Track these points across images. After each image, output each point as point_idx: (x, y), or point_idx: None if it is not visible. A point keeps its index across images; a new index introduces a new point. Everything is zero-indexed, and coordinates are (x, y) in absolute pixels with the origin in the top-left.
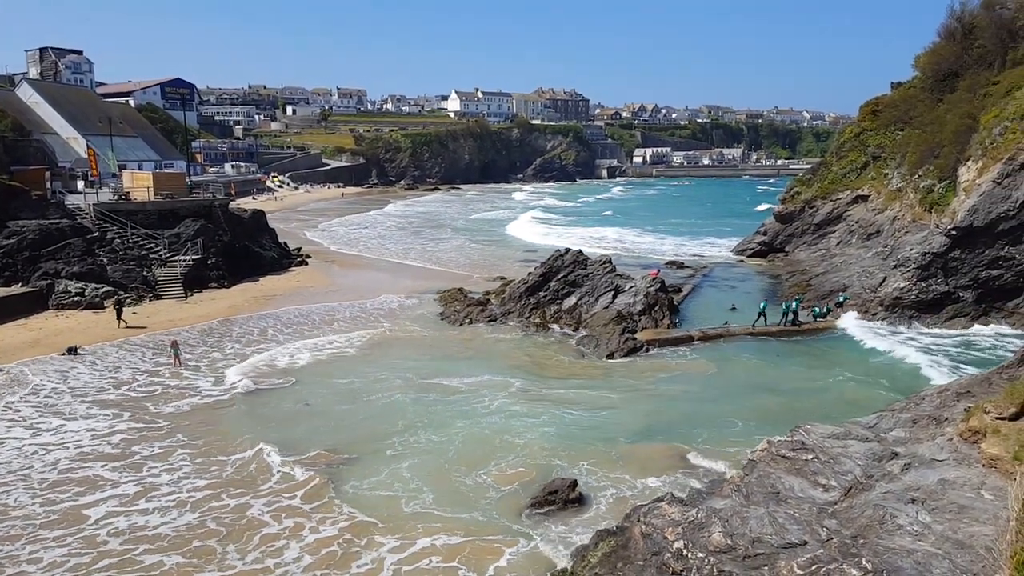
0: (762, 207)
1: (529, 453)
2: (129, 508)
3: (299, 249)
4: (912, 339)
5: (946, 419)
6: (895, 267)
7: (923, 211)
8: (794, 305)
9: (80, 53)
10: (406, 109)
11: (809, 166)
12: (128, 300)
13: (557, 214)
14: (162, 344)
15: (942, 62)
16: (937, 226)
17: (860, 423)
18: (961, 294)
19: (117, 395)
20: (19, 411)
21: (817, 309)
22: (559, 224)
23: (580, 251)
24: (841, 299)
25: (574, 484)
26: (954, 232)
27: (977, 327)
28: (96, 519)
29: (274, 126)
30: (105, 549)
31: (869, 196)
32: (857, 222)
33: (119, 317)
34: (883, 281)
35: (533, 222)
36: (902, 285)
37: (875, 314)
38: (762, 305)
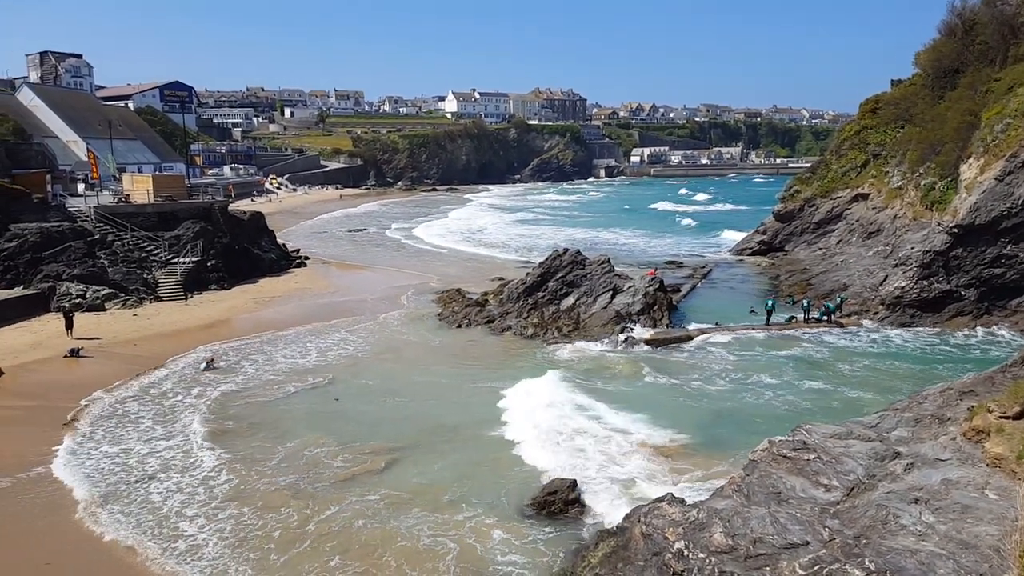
0: (659, 206)
1: (549, 454)
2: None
3: (298, 250)
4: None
5: (949, 418)
6: (896, 266)
7: (924, 209)
8: (838, 301)
9: (80, 57)
10: (403, 110)
11: (808, 165)
12: (82, 305)
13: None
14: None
15: (943, 59)
16: (939, 224)
17: (862, 422)
18: (963, 293)
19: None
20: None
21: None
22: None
23: (578, 251)
24: (839, 299)
25: (574, 484)
26: (956, 230)
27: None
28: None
29: (272, 128)
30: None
31: (869, 194)
32: (857, 220)
33: (69, 327)
34: (884, 280)
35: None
36: (903, 284)
37: (876, 313)
38: (768, 304)
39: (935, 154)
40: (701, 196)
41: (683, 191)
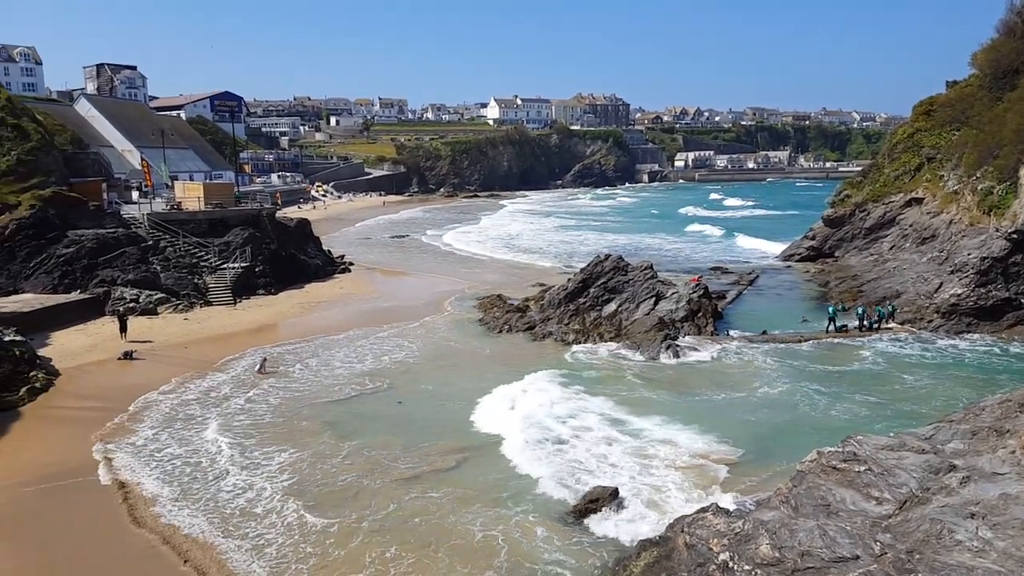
0: (686, 211)
1: (602, 459)
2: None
3: (343, 256)
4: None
5: (1008, 431)
6: (952, 272)
7: (981, 214)
8: (889, 309)
9: (134, 68)
10: (446, 117)
11: (859, 168)
12: (136, 309)
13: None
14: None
15: (1001, 59)
16: (997, 230)
17: (916, 434)
18: (1023, 301)
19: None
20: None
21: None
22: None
23: (620, 257)
24: (891, 307)
25: (615, 492)
26: (1015, 236)
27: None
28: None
29: (318, 137)
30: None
31: (924, 199)
32: (911, 226)
33: (123, 330)
34: (939, 287)
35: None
36: (959, 291)
37: (931, 321)
38: (831, 310)
39: (993, 157)
40: (734, 201)
41: (715, 196)
